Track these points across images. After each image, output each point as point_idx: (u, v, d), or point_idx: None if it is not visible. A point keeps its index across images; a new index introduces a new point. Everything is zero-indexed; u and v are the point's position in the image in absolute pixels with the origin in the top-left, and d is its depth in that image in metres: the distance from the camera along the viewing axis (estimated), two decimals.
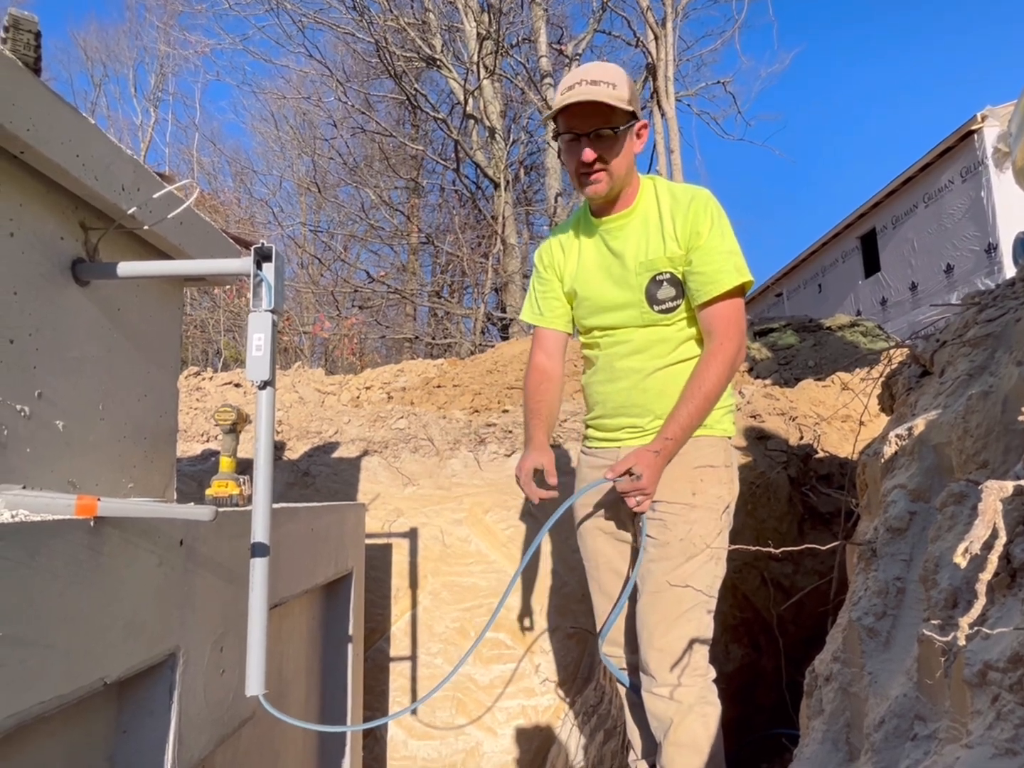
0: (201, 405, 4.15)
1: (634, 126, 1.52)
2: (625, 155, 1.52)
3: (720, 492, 1.58)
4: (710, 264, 1.50)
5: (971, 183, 10.90)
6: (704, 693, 1.52)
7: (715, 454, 1.58)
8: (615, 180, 1.53)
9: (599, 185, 1.53)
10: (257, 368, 1.14)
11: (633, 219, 1.60)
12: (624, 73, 1.50)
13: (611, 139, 1.48)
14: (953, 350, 1.12)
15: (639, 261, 1.58)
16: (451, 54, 10.61)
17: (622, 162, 1.52)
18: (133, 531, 0.94)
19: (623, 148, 1.51)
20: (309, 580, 1.76)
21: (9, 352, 1.04)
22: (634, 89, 1.51)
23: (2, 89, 0.94)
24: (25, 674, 0.72)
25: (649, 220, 1.59)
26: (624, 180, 1.55)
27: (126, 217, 1.25)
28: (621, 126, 1.48)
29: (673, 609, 1.51)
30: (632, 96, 1.48)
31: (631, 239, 1.60)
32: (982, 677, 0.59)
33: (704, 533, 1.53)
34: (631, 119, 1.49)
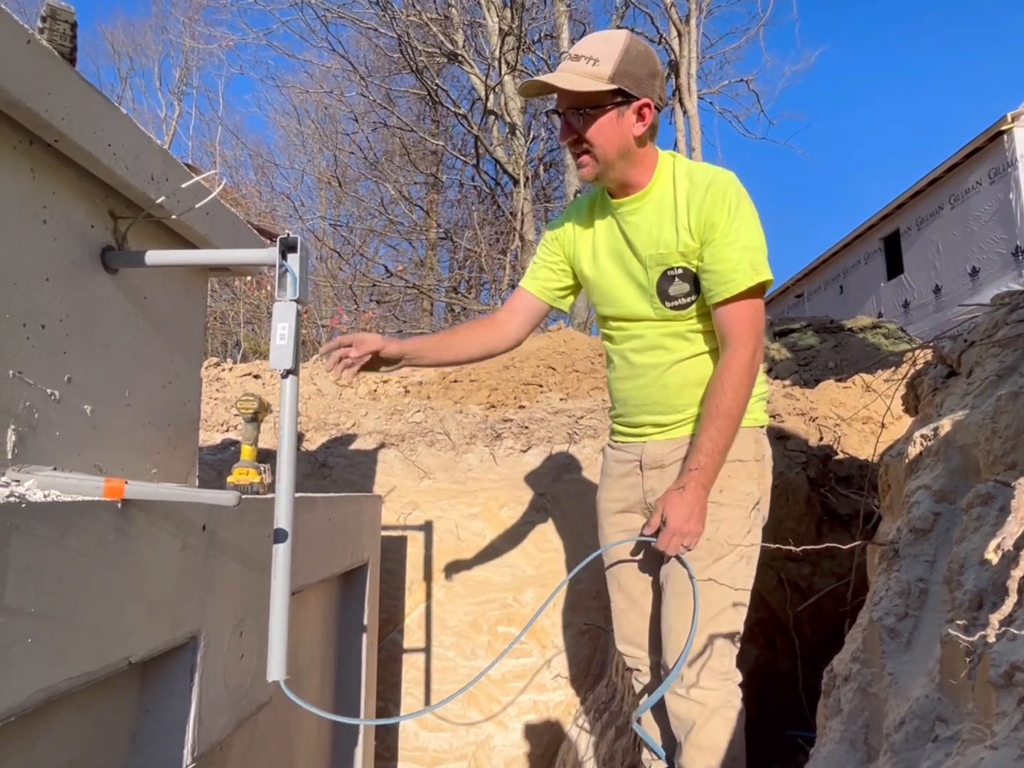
0: (221, 395, 4.20)
1: (626, 105, 1.38)
2: (612, 136, 1.39)
3: (749, 488, 1.51)
4: (724, 262, 1.40)
5: (999, 185, 10.70)
6: (729, 697, 1.48)
7: (745, 447, 1.51)
8: (602, 163, 1.43)
9: (585, 169, 1.45)
10: (281, 356, 1.15)
11: (647, 203, 1.49)
12: (623, 44, 1.36)
13: (589, 118, 1.38)
14: (982, 350, 1.10)
15: (649, 253, 1.49)
16: (473, 50, 10.61)
17: (609, 144, 1.40)
18: (158, 515, 0.95)
19: (608, 128, 1.38)
20: (326, 569, 1.78)
21: (41, 337, 1.06)
22: (634, 64, 1.36)
23: (39, 79, 0.96)
24: (54, 650, 0.74)
25: (664, 205, 1.47)
26: (618, 163, 1.43)
27: (154, 206, 1.27)
28: (590, 107, 1.36)
29: (703, 612, 1.46)
30: (622, 71, 1.34)
31: (643, 226, 1.50)
32: (1008, 678, 0.58)
33: (732, 532, 1.47)
34: (617, 96, 1.36)
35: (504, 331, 1.66)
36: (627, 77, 1.35)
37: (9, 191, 1.00)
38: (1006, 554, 0.58)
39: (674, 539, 1.42)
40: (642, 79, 1.37)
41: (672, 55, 9.25)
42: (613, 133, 1.39)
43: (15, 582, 0.68)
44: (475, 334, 1.66)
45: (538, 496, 2.89)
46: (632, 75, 1.36)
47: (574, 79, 1.36)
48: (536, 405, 3.62)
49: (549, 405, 3.58)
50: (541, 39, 10.81)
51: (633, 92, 1.37)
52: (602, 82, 1.34)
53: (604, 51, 1.36)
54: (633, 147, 1.42)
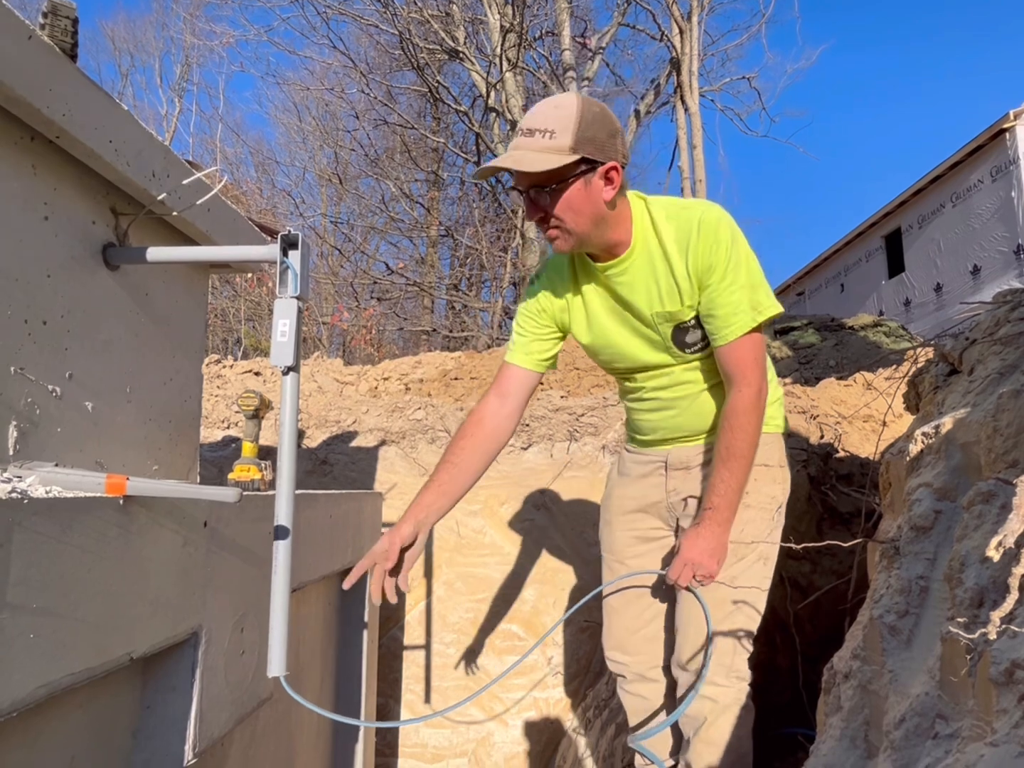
0: (222, 392, 4.20)
1: (592, 172, 1.27)
2: (582, 208, 1.29)
3: (774, 492, 1.53)
4: (723, 306, 1.35)
5: (1002, 182, 10.69)
6: (740, 695, 1.50)
7: (769, 452, 1.52)
8: (576, 237, 1.33)
9: (558, 242, 1.35)
10: (282, 353, 1.15)
11: (634, 261, 1.40)
12: (578, 110, 1.25)
13: (555, 193, 1.27)
14: (984, 348, 1.10)
15: (655, 311, 1.41)
16: (474, 47, 10.59)
17: (580, 216, 1.30)
18: (159, 511, 0.95)
19: (576, 200, 1.28)
20: (327, 566, 1.78)
21: (42, 333, 1.06)
22: (593, 127, 1.25)
23: (40, 75, 0.96)
24: (56, 646, 0.74)
25: (654, 259, 1.39)
26: (593, 232, 1.34)
27: (156, 203, 1.27)
28: (555, 183, 1.26)
29: (717, 611, 1.48)
30: (582, 139, 1.24)
31: (637, 285, 1.41)
32: (1009, 676, 0.58)
33: (755, 534, 1.49)
34: (581, 166, 1.25)
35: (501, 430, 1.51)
36: (589, 143, 1.25)
37: (10, 187, 1.00)
38: (1007, 551, 0.58)
39: (686, 569, 1.41)
40: (604, 142, 1.27)
41: (674, 52, 9.23)
42: (583, 204, 1.29)
43: (17, 578, 0.68)
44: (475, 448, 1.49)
45: (539, 493, 2.90)
46: (593, 140, 1.25)
47: (533, 158, 1.24)
48: (537, 403, 3.63)
49: (550, 403, 3.58)
50: (542, 36, 10.80)
51: (597, 158, 1.26)
52: (564, 155, 1.23)
53: (559, 121, 1.24)
54: (605, 213, 1.32)
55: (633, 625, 1.69)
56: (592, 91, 11.22)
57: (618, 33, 10.90)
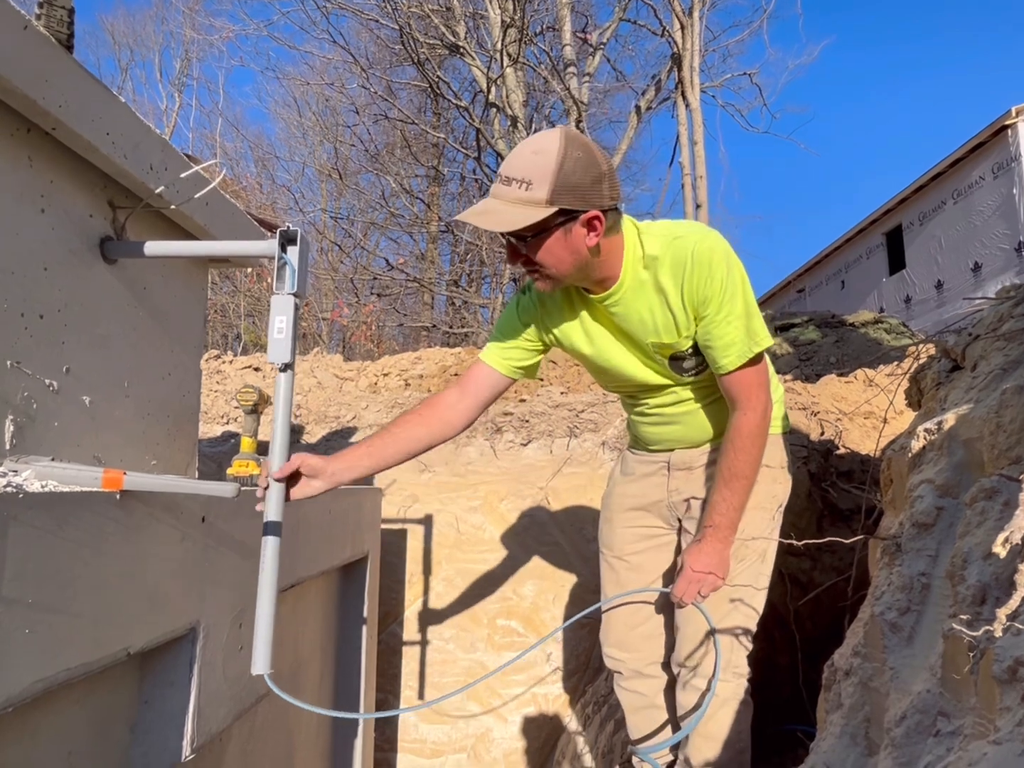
0: (221, 388, 4.20)
1: (573, 221, 1.22)
2: (562, 255, 1.25)
3: (775, 491, 1.55)
4: (720, 337, 1.33)
5: (1003, 179, 10.66)
6: (739, 691, 1.52)
7: (772, 454, 1.52)
8: (558, 280, 1.31)
9: (540, 284, 1.33)
10: (278, 350, 1.15)
11: (624, 294, 1.38)
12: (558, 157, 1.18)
13: (534, 243, 1.24)
14: (987, 344, 1.10)
15: (650, 341, 1.40)
16: (475, 42, 10.55)
17: (561, 263, 1.26)
18: (157, 506, 0.95)
19: (556, 249, 1.24)
20: (326, 561, 1.78)
21: (39, 327, 1.05)
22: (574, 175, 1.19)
23: (35, 66, 0.95)
24: (53, 641, 0.74)
25: (647, 291, 1.36)
26: (577, 274, 1.31)
27: (154, 196, 1.26)
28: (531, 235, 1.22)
29: (718, 607, 1.50)
30: (560, 189, 1.18)
31: (632, 315, 1.39)
32: (1012, 673, 0.58)
33: (755, 533, 1.52)
34: (559, 217, 1.20)
35: (451, 417, 1.46)
36: (567, 194, 1.19)
37: (7, 180, 0.99)
38: (1014, 547, 0.57)
39: (691, 587, 1.43)
40: (586, 190, 1.20)
41: (675, 47, 9.19)
42: (563, 252, 1.25)
43: (13, 572, 0.68)
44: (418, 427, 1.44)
45: (538, 489, 2.89)
46: (573, 190, 1.19)
47: (506, 213, 1.20)
48: (537, 399, 3.62)
49: (550, 399, 3.58)
50: (543, 31, 10.76)
51: (577, 208, 1.20)
52: (539, 208, 1.18)
53: (537, 170, 1.18)
54: (589, 258, 1.28)
55: (631, 621, 1.70)
56: (593, 87, 11.19)
57: (619, 28, 10.85)
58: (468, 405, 1.48)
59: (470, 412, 1.48)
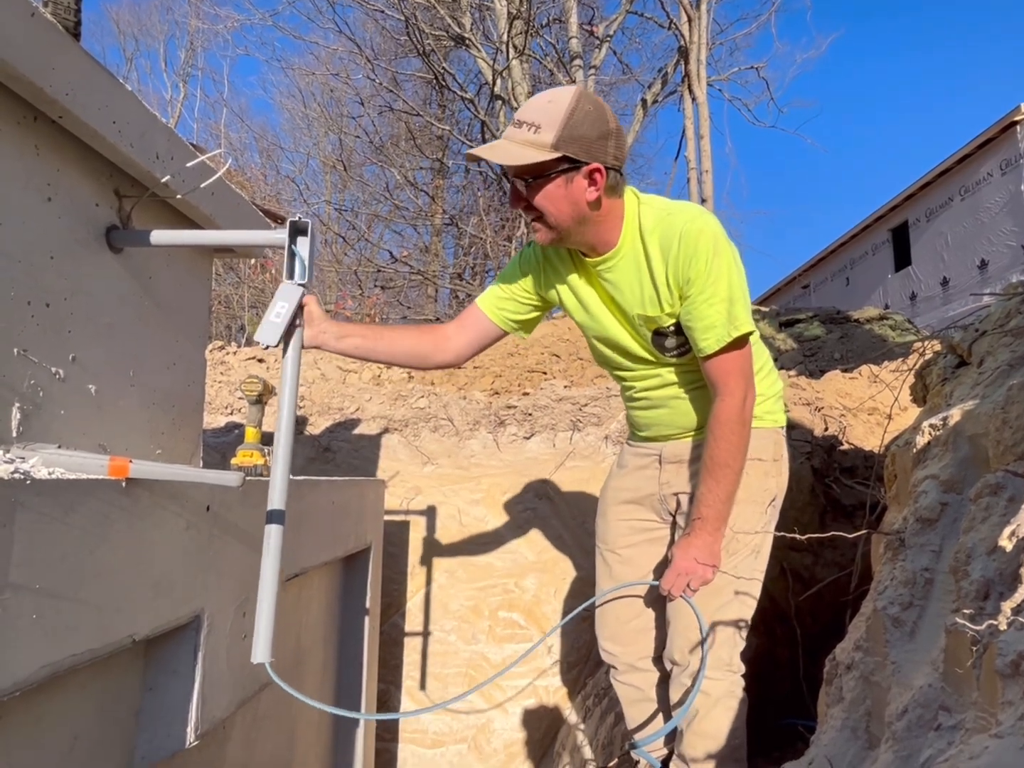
0: (225, 378, 4.21)
1: (575, 171, 1.26)
2: (561, 204, 1.29)
3: (767, 485, 1.54)
4: (702, 319, 1.34)
5: (1011, 176, 10.60)
6: (733, 687, 1.51)
7: (764, 447, 1.52)
8: (557, 232, 1.34)
9: (539, 234, 1.36)
10: (269, 332, 1.15)
11: (620, 260, 1.40)
12: (569, 107, 1.24)
13: (535, 186, 1.28)
14: (993, 340, 1.09)
15: (636, 313, 1.42)
16: (480, 33, 10.50)
17: (560, 212, 1.30)
18: (162, 494, 0.95)
19: (556, 196, 1.28)
20: (329, 552, 1.78)
21: (45, 315, 1.05)
22: (581, 127, 1.25)
23: (42, 53, 0.95)
24: (59, 627, 0.74)
25: (639, 262, 1.39)
26: (575, 228, 1.34)
27: (159, 185, 1.26)
28: (534, 177, 1.27)
29: (710, 602, 1.50)
30: (566, 138, 1.23)
31: (623, 284, 1.42)
32: (1015, 668, 0.58)
33: (747, 527, 1.50)
34: (562, 164, 1.25)
35: (445, 345, 1.52)
36: (572, 143, 1.24)
37: (14, 167, 0.99)
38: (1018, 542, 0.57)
39: (679, 579, 1.44)
40: (591, 142, 1.26)
41: (682, 40, 9.14)
42: (562, 201, 1.29)
43: (20, 558, 0.68)
44: (412, 337, 1.51)
45: (541, 483, 2.90)
46: (579, 140, 1.24)
47: (512, 150, 1.26)
48: (540, 392, 3.62)
49: (553, 392, 3.58)
50: (549, 23, 10.70)
51: (580, 158, 1.25)
52: (543, 151, 1.23)
53: (547, 116, 1.25)
54: (588, 212, 1.32)
55: (624, 616, 1.71)
56: (599, 79, 11.13)
57: (626, 21, 10.78)
58: (462, 342, 1.52)
59: (461, 349, 1.52)
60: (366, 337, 1.43)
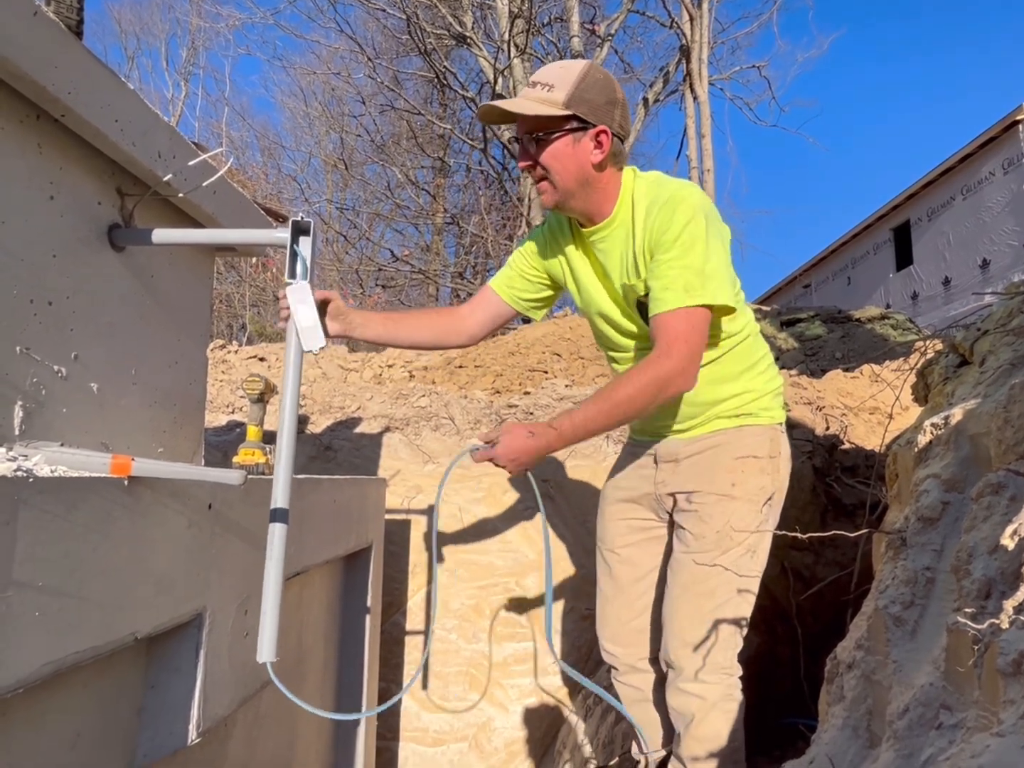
0: (226, 377, 4.21)
1: (582, 131, 1.33)
2: (567, 163, 1.35)
3: (762, 483, 1.51)
4: (658, 279, 1.33)
5: (1014, 175, 10.58)
6: (730, 691, 1.49)
7: (759, 444, 1.51)
8: (561, 192, 1.38)
9: (544, 196, 1.41)
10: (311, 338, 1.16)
11: (614, 231, 1.44)
12: (581, 72, 1.32)
13: (543, 143, 1.34)
14: (996, 339, 1.09)
15: (622, 283, 1.45)
16: (482, 32, 10.50)
17: (565, 171, 1.35)
18: (164, 492, 0.95)
19: (562, 154, 1.34)
20: (330, 551, 1.79)
21: (48, 314, 1.06)
22: (591, 91, 1.32)
23: (45, 51, 0.95)
24: (62, 624, 0.74)
25: (628, 231, 1.43)
26: (578, 191, 1.39)
27: (162, 184, 1.26)
28: (544, 132, 1.33)
29: (704, 604, 1.48)
30: (577, 98, 1.31)
31: (614, 254, 1.45)
32: (1017, 667, 0.58)
33: (742, 526, 1.48)
34: (572, 122, 1.32)
35: (461, 326, 1.59)
36: (583, 104, 1.32)
37: (16, 166, 0.99)
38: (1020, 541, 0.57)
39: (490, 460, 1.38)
40: (599, 106, 1.33)
41: (683, 39, 9.14)
42: (568, 159, 1.35)
43: (23, 555, 0.68)
44: (431, 321, 1.60)
45: (542, 482, 2.90)
46: (588, 102, 1.32)
47: (526, 104, 1.33)
48: (541, 391, 3.62)
49: (554, 391, 3.58)
50: (551, 22, 10.70)
51: (589, 119, 1.32)
52: (556, 107, 1.31)
53: (561, 78, 1.33)
54: (592, 174, 1.37)
55: (623, 616, 1.70)
56: None
57: (627, 20, 10.79)
58: (477, 321, 1.60)
59: (477, 328, 1.61)
60: (387, 325, 1.54)
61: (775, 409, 1.57)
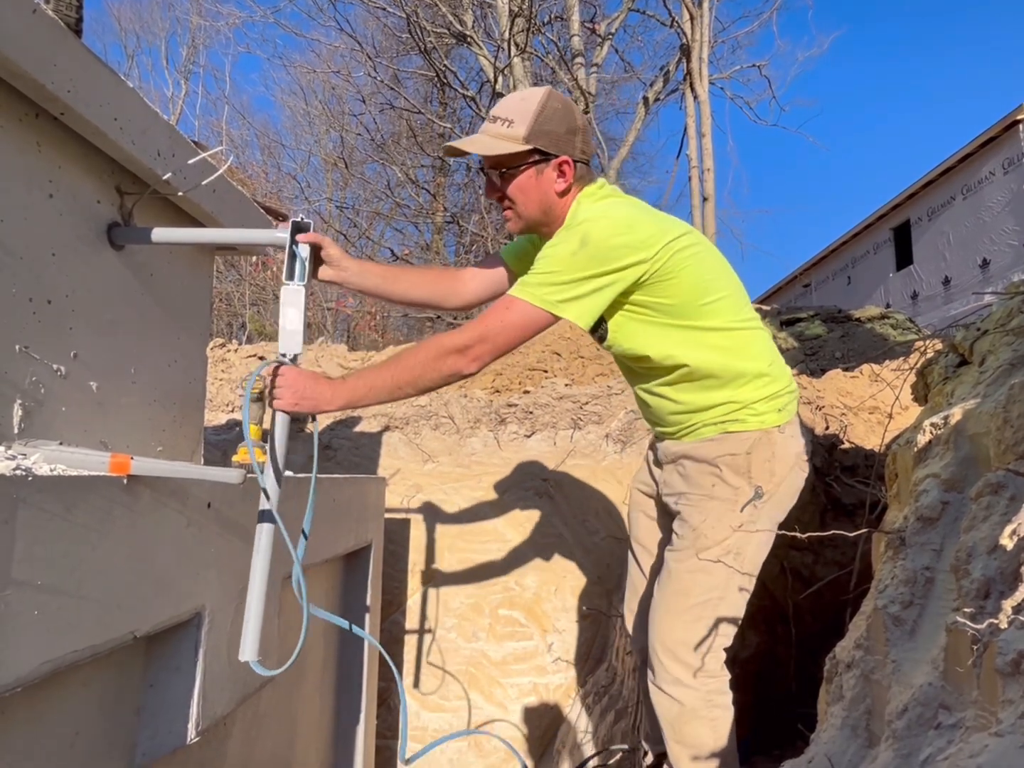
0: (226, 376, 4.21)
1: (545, 163, 1.38)
2: (532, 193, 1.40)
3: (739, 483, 1.47)
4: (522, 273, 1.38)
5: (1014, 175, 10.58)
6: (711, 696, 1.44)
7: (739, 446, 1.48)
8: (524, 221, 1.44)
9: (510, 223, 1.46)
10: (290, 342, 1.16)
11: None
12: (539, 104, 1.36)
13: (508, 177, 1.39)
14: (995, 339, 1.09)
15: None
16: (482, 31, 10.49)
17: (529, 201, 1.41)
18: (164, 491, 0.95)
19: (527, 186, 1.39)
20: (330, 550, 1.79)
21: (47, 312, 1.06)
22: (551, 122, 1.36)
23: (44, 50, 0.95)
24: (61, 623, 0.74)
25: None
26: (541, 218, 1.44)
27: (161, 183, 1.26)
28: (507, 168, 1.38)
29: (679, 603, 1.46)
30: (537, 131, 1.34)
31: None
32: (1015, 666, 0.58)
33: (719, 526, 1.45)
34: (533, 156, 1.36)
35: (459, 288, 1.59)
36: (542, 136, 1.36)
37: (15, 164, 0.99)
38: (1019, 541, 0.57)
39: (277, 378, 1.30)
40: (560, 136, 1.37)
41: (684, 38, 9.13)
42: (532, 191, 1.40)
43: (22, 554, 0.68)
44: (430, 279, 1.61)
45: (541, 481, 2.90)
46: (548, 134, 1.36)
47: (487, 142, 1.37)
48: (541, 390, 3.62)
49: (554, 390, 3.58)
50: (551, 20, 10.68)
51: (550, 151, 1.37)
52: (517, 143, 1.35)
53: (519, 112, 1.36)
54: (556, 201, 1.42)
55: (631, 607, 1.76)
56: (600, 77, 11.11)
57: (628, 19, 10.77)
58: (478, 285, 1.60)
59: (478, 292, 1.61)
60: (386, 278, 1.52)
61: (768, 414, 1.51)
